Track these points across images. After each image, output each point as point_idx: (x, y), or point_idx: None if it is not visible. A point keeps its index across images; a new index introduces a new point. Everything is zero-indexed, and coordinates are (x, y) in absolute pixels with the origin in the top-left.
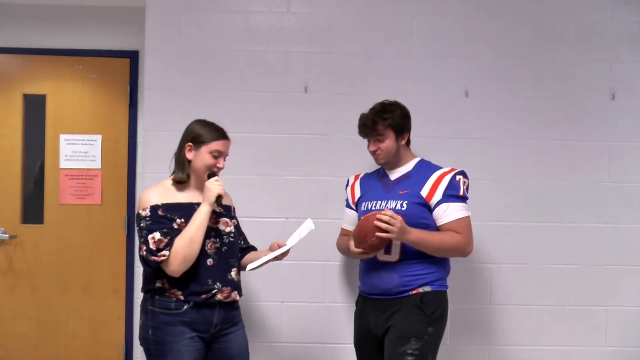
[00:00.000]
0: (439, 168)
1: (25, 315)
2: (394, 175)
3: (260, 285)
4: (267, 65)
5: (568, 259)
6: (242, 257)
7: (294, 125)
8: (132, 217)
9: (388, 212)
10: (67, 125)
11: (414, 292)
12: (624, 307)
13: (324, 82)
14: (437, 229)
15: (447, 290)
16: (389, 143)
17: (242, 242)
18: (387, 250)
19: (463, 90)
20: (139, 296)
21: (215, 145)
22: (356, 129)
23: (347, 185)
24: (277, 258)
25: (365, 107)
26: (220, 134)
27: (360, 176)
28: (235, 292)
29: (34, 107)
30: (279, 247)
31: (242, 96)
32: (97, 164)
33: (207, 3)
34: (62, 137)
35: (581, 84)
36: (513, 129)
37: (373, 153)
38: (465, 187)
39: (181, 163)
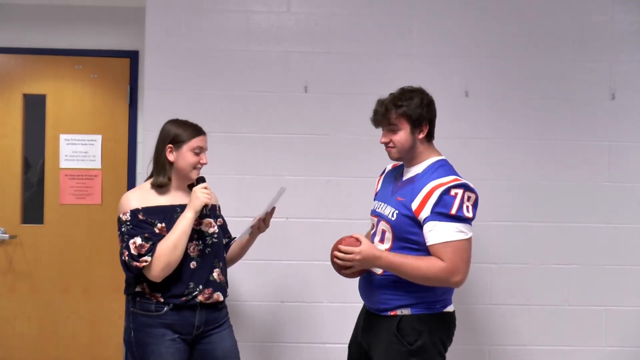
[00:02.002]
0: (442, 176)
1: (25, 315)
2: (406, 175)
3: (260, 285)
4: (267, 65)
5: (568, 259)
6: (227, 251)
7: (294, 125)
8: None
9: (345, 247)
10: (67, 125)
11: (392, 313)
12: (624, 307)
13: (324, 82)
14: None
15: (443, 311)
16: (402, 135)
17: (228, 240)
18: None
19: (463, 90)
20: None
21: (196, 142)
22: (356, 129)
23: (380, 173)
24: (259, 229)
25: (365, 107)
26: (197, 130)
27: (393, 167)
28: (218, 293)
29: (34, 107)
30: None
31: (242, 96)
32: (97, 164)
33: (207, 3)
34: (62, 137)
35: (581, 84)
36: (513, 129)
37: (385, 146)
38: (469, 203)
39: (162, 166)
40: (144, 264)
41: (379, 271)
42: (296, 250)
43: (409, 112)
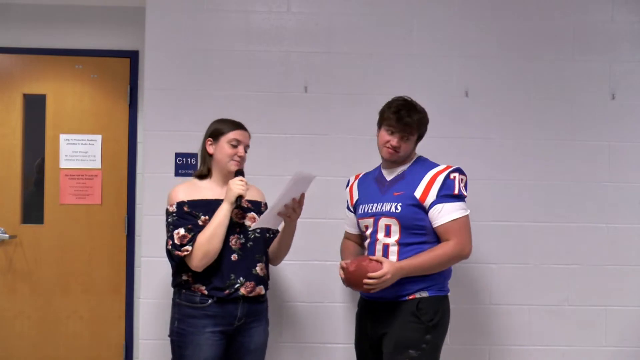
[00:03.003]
0: (435, 166)
1: (25, 315)
2: (390, 175)
3: None
4: (267, 65)
5: (568, 259)
6: (269, 246)
7: (294, 125)
8: (132, 217)
9: (374, 273)
10: (67, 125)
11: (410, 297)
12: (624, 307)
13: (324, 82)
14: (433, 229)
15: (449, 294)
16: (409, 145)
17: (272, 235)
18: (385, 255)
19: (463, 90)
20: (139, 296)
21: (233, 134)
22: (356, 129)
23: (347, 185)
24: (290, 217)
25: (365, 107)
26: (236, 125)
27: (359, 177)
28: (260, 286)
29: (34, 107)
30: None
31: (242, 96)
32: (97, 164)
33: (207, 3)
34: (62, 137)
35: (581, 84)
36: (513, 129)
37: (391, 147)
38: (462, 184)
39: (202, 158)
40: (185, 253)
41: None
42: (296, 250)
43: (422, 131)
